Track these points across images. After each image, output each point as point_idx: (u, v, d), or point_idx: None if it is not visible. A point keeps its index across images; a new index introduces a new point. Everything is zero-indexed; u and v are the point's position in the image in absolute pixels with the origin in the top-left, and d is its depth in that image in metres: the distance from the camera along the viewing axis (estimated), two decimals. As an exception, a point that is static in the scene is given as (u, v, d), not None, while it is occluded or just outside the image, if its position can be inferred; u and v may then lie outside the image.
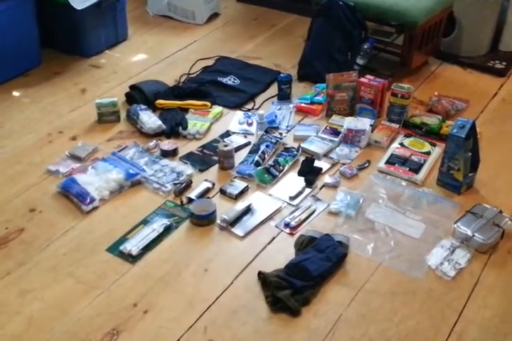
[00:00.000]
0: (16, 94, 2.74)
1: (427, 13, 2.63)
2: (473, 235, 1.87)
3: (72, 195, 2.05)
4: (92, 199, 2.03)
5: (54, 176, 2.19)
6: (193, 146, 2.36)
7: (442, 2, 2.71)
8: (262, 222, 1.99)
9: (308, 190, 2.13)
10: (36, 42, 2.88)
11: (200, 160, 2.28)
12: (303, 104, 2.59)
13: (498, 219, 1.92)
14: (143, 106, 2.49)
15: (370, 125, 2.36)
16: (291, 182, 2.17)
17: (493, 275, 1.81)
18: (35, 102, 2.67)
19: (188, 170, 2.20)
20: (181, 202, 2.07)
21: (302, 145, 2.32)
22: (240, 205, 2.02)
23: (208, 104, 2.58)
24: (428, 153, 2.28)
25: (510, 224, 1.93)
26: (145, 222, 1.98)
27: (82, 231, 1.96)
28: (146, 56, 3.08)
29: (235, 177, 2.19)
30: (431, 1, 2.65)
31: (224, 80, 2.80)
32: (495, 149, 2.31)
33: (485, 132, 2.34)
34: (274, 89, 2.72)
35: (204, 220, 1.98)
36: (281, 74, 2.69)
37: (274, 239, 1.94)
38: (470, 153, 2.04)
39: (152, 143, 2.35)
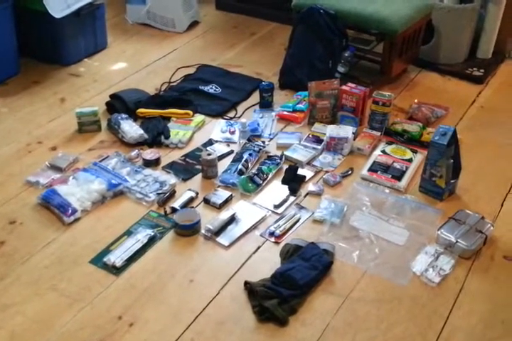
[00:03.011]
0: (-7, 103, 2.71)
1: (406, 22, 2.65)
2: (457, 241, 1.88)
3: (53, 207, 2.02)
4: (74, 211, 2.00)
5: (34, 187, 2.16)
6: (175, 155, 2.35)
7: (421, 10, 2.74)
8: (247, 231, 1.98)
9: (292, 198, 2.13)
10: (14, 51, 2.84)
11: (183, 170, 2.26)
12: (285, 112, 2.59)
13: (481, 225, 1.94)
14: (124, 116, 2.47)
15: (353, 133, 2.37)
16: (275, 190, 2.16)
17: (477, 280, 1.82)
18: (14, 112, 2.63)
19: (171, 179, 2.18)
20: (165, 212, 2.05)
21: (285, 153, 2.32)
22: (224, 214, 2.01)
23: (190, 112, 2.57)
24: (410, 160, 2.30)
25: (493, 230, 1.95)
26: (129, 232, 1.96)
27: (64, 243, 1.93)
28: (126, 64, 3.06)
29: (219, 186, 2.17)
30: (410, 10, 2.68)
31: (205, 88, 2.79)
32: (475, 156, 2.34)
33: (465, 139, 2.35)
34: (255, 97, 2.72)
35: (188, 230, 1.96)
36: (263, 83, 2.69)
37: (259, 248, 1.93)
38: (452, 160, 2.06)
39: (134, 152, 2.33)
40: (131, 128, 2.39)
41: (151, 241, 1.93)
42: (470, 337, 1.65)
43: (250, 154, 2.29)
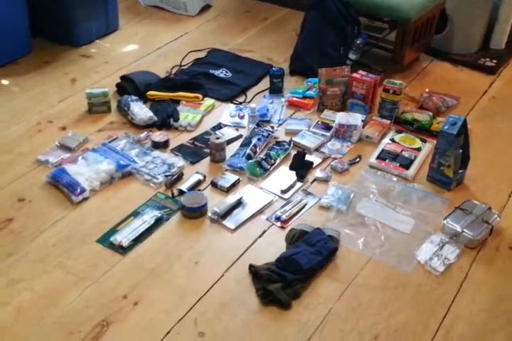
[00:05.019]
0: (4, 82, 2.71)
1: (419, 10, 2.63)
2: (463, 231, 1.88)
3: (62, 186, 2.04)
4: (83, 190, 2.02)
5: (44, 166, 2.17)
6: (184, 138, 2.35)
7: (435, -1, 2.72)
8: (253, 215, 1.99)
9: (299, 184, 2.13)
10: (26, 31, 2.84)
11: (192, 153, 2.27)
12: (295, 98, 2.59)
13: (487, 216, 1.94)
14: (134, 97, 2.47)
15: (362, 120, 2.36)
16: (283, 175, 2.17)
17: (481, 271, 1.82)
18: (25, 91, 2.64)
19: (179, 162, 2.19)
20: (172, 194, 2.06)
21: (294, 139, 2.32)
22: (231, 198, 2.02)
23: (200, 96, 2.57)
24: (419, 149, 2.29)
25: (499, 221, 1.95)
26: (136, 213, 1.98)
27: (72, 221, 1.95)
28: (137, 47, 3.06)
29: (227, 170, 2.18)
30: (424, -2, 2.65)
31: (216, 73, 2.78)
32: (484, 146, 2.33)
33: (475, 129, 2.35)
34: (265, 83, 2.71)
35: (195, 213, 1.97)
36: (274, 68, 2.68)
37: (265, 232, 1.94)
38: (461, 150, 2.06)
39: (143, 134, 2.33)
40: (141, 110, 2.39)
41: (158, 222, 1.94)
42: (471, 327, 1.65)
43: (259, 139, 2.29)
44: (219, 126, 2.43)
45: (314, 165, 2.22)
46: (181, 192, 2.05)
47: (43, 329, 1.61)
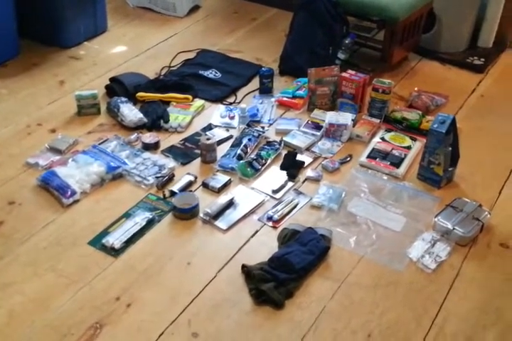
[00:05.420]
0: (-7, 85, 2.70)
1: (407, 9, 2.65)
2: (454, 228, 1.89)
3: (53, 188, 2.02)
4: (73, 193, 2.01)
5: (33, 169, 2.16)
6: (174, 139, 2.35)
7: (423, -2, 2.74)
8: (245, 216, 1.99)
9: (290, 184, 2.13)
10: (14, 33, 2.82)
11: (182, 154, 2.26)
12: (285, 98, 2.59)
13: (478, 213, 1.95)
14: (123, 99, 2.46)
15: (352, 120, 2.37)
16: (274, 175, 2.17)
17: (473, 267, 1.83)
18: (13, 93, 2.63)
19: (170, 163, 2.19)
20: (164, 195, 2.05)
21: (284, 139, 2.32)
22: (223, 199, 2.02)
23: (190, 97, 2.56)
24: (409, 148, 2.30)
25: (489, 218, 1.96)
26: (127, 215, 1.97)
27: (63, 224, 1.94)
28: (126, 48, 3.05)
29: (218, 170, 2.18)
30: (412, -3, 2.67)
31: (205, 73, 2.78)
32: (473, 144, 2.34)
33: (464, 128, 2.35)
34: (255, 83, 2.71)
35: (187, 214, 1.97)
36: (263, 68, 2.69)
37: (257, 232, 1.94)
38: (450, 148, 2.07)
39: (133, 136, 2.33)
40: (131, 112, 2.38)
41: (150, 223, 1.94)
42: (464, 323, 1.66)
43: (249, 139, 2.29)
44: (209, 127, 2.43)
45: (305, 165, 2.22)
46: (172, 194, 2.05)
47: (35, 333, 1.60)
